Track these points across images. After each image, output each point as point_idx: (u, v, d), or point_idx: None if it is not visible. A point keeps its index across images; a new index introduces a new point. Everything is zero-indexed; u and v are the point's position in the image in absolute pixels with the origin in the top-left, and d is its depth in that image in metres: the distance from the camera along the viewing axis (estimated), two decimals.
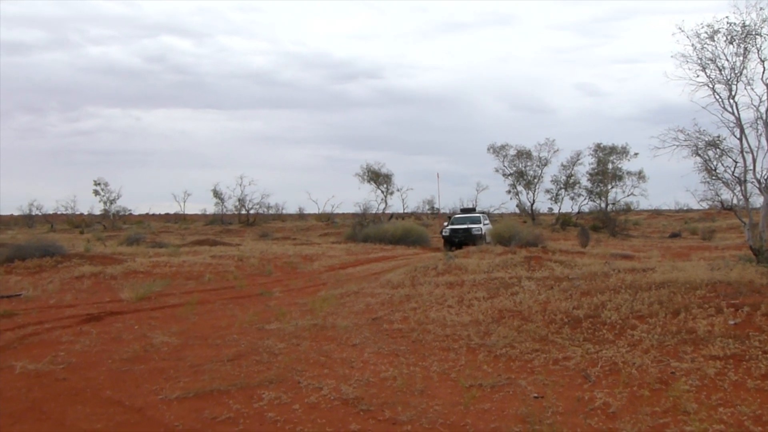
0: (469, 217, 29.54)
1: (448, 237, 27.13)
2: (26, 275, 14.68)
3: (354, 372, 6.45)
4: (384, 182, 53.62)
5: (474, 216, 29.61)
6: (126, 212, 59.90)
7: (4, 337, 8.44)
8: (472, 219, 28.80)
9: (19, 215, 63.43)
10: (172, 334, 8.55)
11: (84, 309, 10.79)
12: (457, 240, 26.48)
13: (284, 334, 8.30)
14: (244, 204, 59.26)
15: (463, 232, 26.96)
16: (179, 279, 14.76)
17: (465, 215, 30.30)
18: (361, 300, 10.76)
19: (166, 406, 5.48)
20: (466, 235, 26.48)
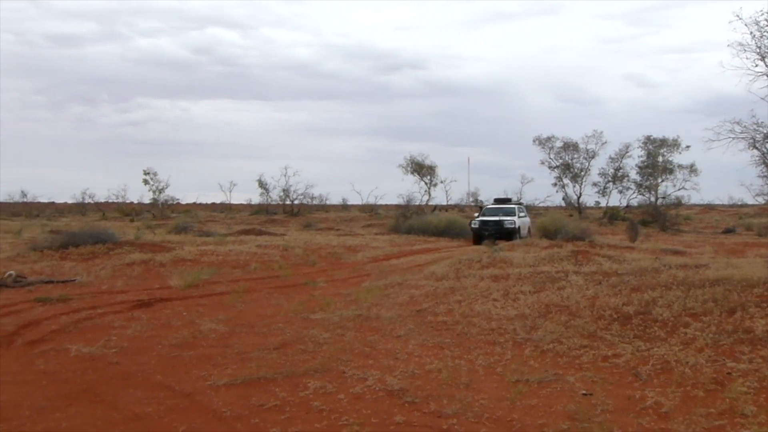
0: (503, 208, 26.98)
1: (477, 230, 24.82)
2: (80, 261, 15.12)
3: (398, 363, 6.44)
4: (427, 174, 53.49)
5: (508, 207, 27.04)
6: (174, 201, 61.19)
7: (60, 321, 8.71)
8: (506, 210, 26.35)
9: (73, 203, 65.54)
10: (219, 321, 8.69)
11: (135, 295, 11.06)
12: (486, 233, 24.08)
13: (329, 324, 8.35)
14: (289, 194, 59.93)
15: (493, 224, 24.62)
16: (226, 267, 15.00)
17: (498, 206, 27.66)
18: (405, 291, 10.74)
19: (214, 392, 5.57)
20: (498, 229, 24.22)
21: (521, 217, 26.11)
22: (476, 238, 24.52)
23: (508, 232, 23.99)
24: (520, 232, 24.96)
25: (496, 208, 27.29)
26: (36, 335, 7.91)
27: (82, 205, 63.01)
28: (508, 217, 25.21)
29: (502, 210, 26.49)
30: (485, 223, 24.96)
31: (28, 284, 11.99)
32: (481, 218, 25.55)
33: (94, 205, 63.50)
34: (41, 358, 6.79)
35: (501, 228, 24.24)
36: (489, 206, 28.36)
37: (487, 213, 26.57)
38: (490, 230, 24.22)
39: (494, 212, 26.30)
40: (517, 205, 27.93)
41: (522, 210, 27.61)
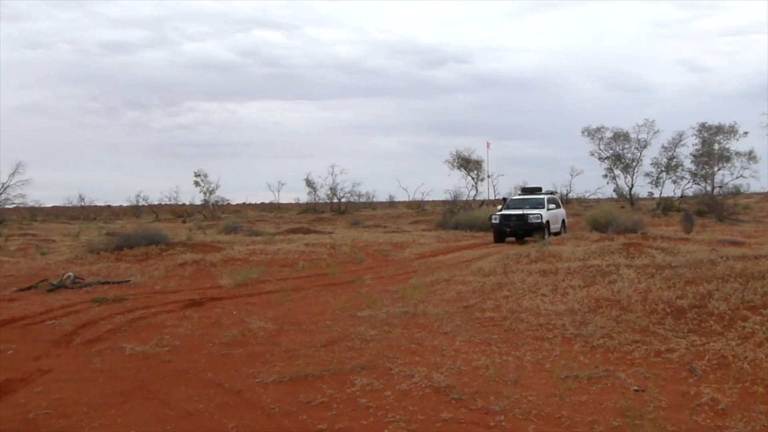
0: (529, 199, 23.49)
1: (497, 225, 21.99)
2: (134, 262, 15.55)
3: (445, 360, 6.41)
4: (474, 168, 53.19)
5: (536, 198, 23.49)
6: (224, 202, 62.53)
7: (115, 321, 8.98)
8: (533, 202, 22.93)
9: (128, 206, 67.57)
10: (268, 319, 8.81)
11: (186, 295, 11.31)
12: (508, 230, 21.74)
13: (376, 321, 8.37)
14: (336, 192, 60.42)
15: (516, 219, 21.60)
16: (274, 266, 15.20)
17: (524, 197, 24.23)
18: (452, 288, 10.69)
19: (262, 389, 5.65)
20: (521, 224, 21.45)
21: (551, 209, 22.84)
22: (496, 236, 22.16)
23: (533, 228, 21.27)
24: (549, 228, 22.00)
25: (521, 199, 23.94)
26: (93, 334, 8.17)
27: (136, 208, 64.90)
28: (535, 210, 22.01)
29: (528, 202, 23.21)
30: (506, 217, 21.95)
31: (85, 285, 12.40)
32: (503, 212, 22.58)
33: (147, 207, 65.30)
34: (98, 357, 7.01)
35: (525, 223, 21.43)
36: (514, 197, 25.25)
37: (511, 205, 23.38)
38: (513, 226, 21.69)
39: (519, 204, 23.11)
40: (548, 196, 24.16)
41: (553, 201, 24.02)
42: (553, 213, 22.99)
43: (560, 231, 23.10)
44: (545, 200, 23.01)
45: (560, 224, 23.62)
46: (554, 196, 25.12)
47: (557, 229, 23.02)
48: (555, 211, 23.28)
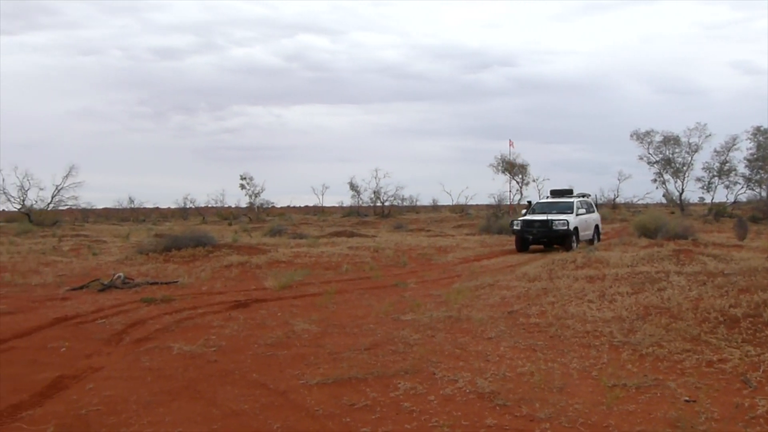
0: (557, 203, 21.29)
1: (519, 232, 19.97)
2: (181, 263, 15.87)
3: (490, 365, 6.34)
4: (519, 172, 52.60)
5: (564, 202, 21.17)
6: (269, 205, 63.26)
7: (164, 320, 9.18)
8: (561, 206, 20.81)
9: (176, 208, 69.06)
10: (312, 321, 8.88)
11: (232, 296, 11.48)
12: (530, 237, 19.77)
13: (419, 325, 8.35)
14: (379, 196, 60.54)
15: (540, 225, 19.60)
16: (318, 269, 15.31)
17: (552, 201, 21.95)
18: (496, 292, 10.59)
19: (307, 391, 5.69)
20: (545, 231, 19.49)
21: (581, 214, 20.68)
22: (518, 243, 20.05)
23: (559, 236, 19.47)
24: (578, 235, 20.04)
25: (548, 203, 21.80)
26: (142, 334, 8.37)
27: (183, 210, 66.30)
28: (561, 215, 19.94)
29: (556, 206, 21.07)
30: (529, 223, 19.89)
31: (134, 285, 12.71)
32: (527, 217, 20.51)
33: (194, 209, 66.61)
34: (146, 356, 7.17)
35: (549, 230, 19.47)
36: (540, 201, 23.15)
37: (536, 210, 21.41)
38: (535, 233, 19.68)
39: (545, 209, 21.07)
40: (578, 199, 21.70)
41: (584, 206, 21.76)
42: (584, 219, 20.85)
43: (593, 238, 21.46)
44: (574, 204, 20.80)
45: (592, 231, 21.73)
46: (586, 200, 22.71)
47: (588, 236, 21.14)
48: (586, 217, 21.16)
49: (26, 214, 43.74)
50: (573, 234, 19.51)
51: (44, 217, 42.59)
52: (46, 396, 5.73)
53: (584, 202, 22.01)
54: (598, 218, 22.72)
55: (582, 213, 20.88)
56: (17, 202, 45.39)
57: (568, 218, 19.57)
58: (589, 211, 22.07)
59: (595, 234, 21.99)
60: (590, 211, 22.09)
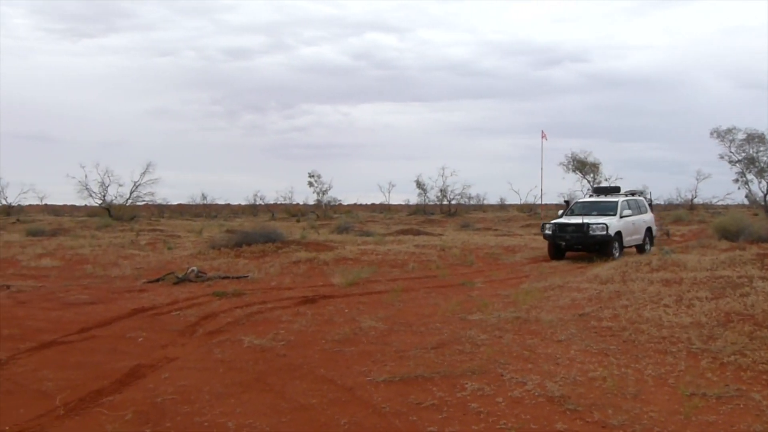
0: (599, 203, 18.54)
1: (551, 237, 17.47)
2: (252, 259, 16.23)
3: (559, 369, 6.19)
4: (590, 171, 51.35)
5: (607, 202, 18.40)
6: (336, 202, 64.04)
7: (235, 314, 9.40)
8: (603, 207, 18.09)
9: (246, 205, 70.81)
10: (378, 319, 8.91)
11: (300, 292, 11.66)
12: (563, 243, 17.25)
13: (486, 326, 8.24)
14: (446, 194, 60.29)
15: (574, 230, 16.96)
16: (384, 267, 15.36)
17: (593, 200, 19.14)
18: (566, 294, 10.34)
19: (373, 388, 5.71)
20: (579, 236, 16.82)
21: (626, 216, 17.76)
22: (551, 250, 17.64)
23: (596, 243, 16.72)
24: (622, 241, 17.34)
25: (589, 203, 18.98)
26: (214, 326, 8.60)
27: (253, 207, 67.89)
28: (601, 218, 17.18)
29: (597, 206, 18.35)
30: (562, 227, 17.32)
31: (207, 279, 13.08)
32: (561, 220, 17.89)
33: (264, 206, 68.10)
34: (218, 348, 7.36)
35: (584, 235, 16.72)
36: (580, 200, 20.25)
37: (575, 210, 18.68)
38: (568, 238, 17.08)
39: (585, 210, 18.38)
40: (624, 198, 18.73)
41: (632, 206, 18.60)
42: (630, 221, 17.94)
43: (643, 244, 18.72)
44: (618, 204, 17.89)
45: (642, 235, 18.80)
46: (636, 199, 19.51)
47: (636, 241, 18.45)
48: (633, 219, 18.17)
49: (106, 209, 45.85)
50: (614, 240, 16.86)
51: (123, 212, 44.53)
52: (125, 383, 5.97)
53: (632, 202, 18.94)
54: (651, 220, 19.73)
55: (627, 214, 17.88)
56: (98, 197, 47.74)
57: (607, 221, 16.84)
58: (640, 211, 19.06)
59: (647, 239, 19.20)
60: (640, 212, 19.07)
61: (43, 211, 63.41)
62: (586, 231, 16.68)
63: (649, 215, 19.58)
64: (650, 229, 19.38)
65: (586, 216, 17.53)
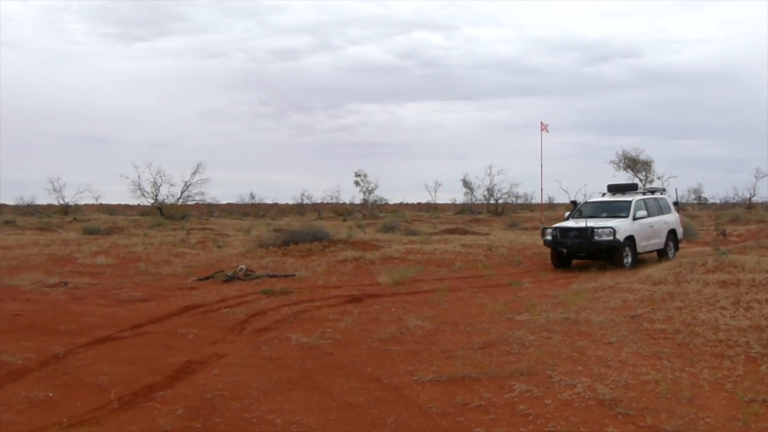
0: (610, 203, 16.36)
1: (551, 244, 15.47)
2: (299, 258, 16.40)
3: (610, 371, 6.05)
4: (643, 169, 50.17)
5: (620, 202, 16.12)
6: (382, 201, 64.31)
7: (282, 312, 9.51)
8: (614, 208, 16.01)
9: (293, 204, 71.73)
10: (425, 318, 8.87)
11: (347, 290, 11.72)
12: (565, 250, 15.18)
13: (534, 326, 8.12)
14: (493, 193, 59.80)
15: (576, 235, 14.85)
16: (431, 266, 15.31)
17: (605, 200, 16.89)
18: (617, 295, 10.10)
19: (420, 387, 5.69)
20: (582, 242, 14.75)
21: (641, 218, 15.54)
22: (554, 258, 15.70)
23: (601, 249, 14.76)
24: (635, 247, 15.21)
25: (600, 203, 16.83)
26: (262, 324, 8.71)
27: (301, 206, 68.73)
28: (609, 220, 15.18)
29: (607, 207, 16.33)
30: (563, 232, 15.20)
31: (255, 277, 13.27)
32: (563, 224, 15.80)
33: (311, 205, 68.84)
34: (266, 345, 7.45)
35: (588, 241, 14.65)
36: (590, 200, 17.85)
37: (584, 212, 16.60)
38: (570, 245, 15.00)
39: (594, 211, 16.41)
40: (640, 197, 16.36)
41: (649, 206, 16.19)
42: (645, 224, 15.68)
43: (664, 249, 16.44)
44: (632, 205, 15.64)
45: (663, 240, 16.43)
46: (656, 198, 17.14)
47: (655, 246, 16.25)
48: (650, 221, 15.88)
49: (158, 209, 47.02)
50: (624, 245, 14.79)
51: (174, 211, 45.60)
52: (176, 379, 6.10)
53: (651, 201, 16.53)
54: (675, 222, 17.14)
55: (642, 216, 15.57)
56: (151, 197, 48.98)
57: (616, 224, 14.77)
58: (660, 212, 16.67)
59: (671, 243, 16.79)
60: (661, 213, 16.70)
61: (99, 210, 65.48)
62: (590, 236, 14.61)
63: (672, 216, 17.18)
64: (674, 232, 17.02)
65: (592, 218, 15.61)
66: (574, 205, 18.04)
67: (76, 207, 59.81)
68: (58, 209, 57.50)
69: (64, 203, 57.97)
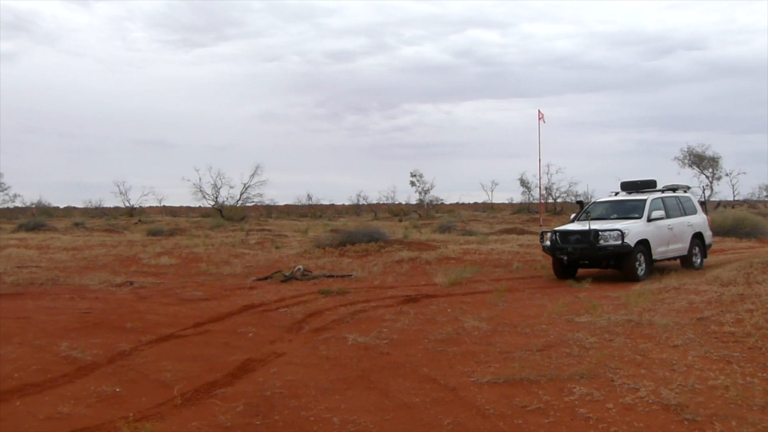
0: (623, 203, 14.45)
1: (550, 249, 13.52)
2: (355, 258, 16.50)
3: (675, 376, 5.84)
4: (709, 166, 48.27)
5: (632, 201, 14.26)
6: (438, 201, 64.22)
7: (339, 312, 9.58)
8: (626, 208, 14.14)
9: (349, 204, 72.30)
10: (482, 319, 8.78)
11: (403, 291, 11.71)
12: (565, 257, 13.17)
13: (595, 328, 7.92)
14: (551, 192, 58.73)
15: (578, 240, 12.99)
16: (488, 266, 15.16)
17: (617, 199, 14.86)
18: (682, 296, 9.76)
19: (477, 389, 5.62)
20: (585, 249, 12.85)
21: (657, 219, 13.48)
22: (556, 267, 13.70)
23: (609, 256, 12.82)
24: (650, 252, 13.19)
25: (611, 203, 14.84)
26: (319, 323, 8.80)
27: (357, 206, 69.23)
28: (620, 222, 13.29)
29: (619, 207, 14.39)
30: (564, 236, 13.28)
31: (312, 277, 13.43)
32: (561, 227, 14.16)
33: (367, 206, 69.23)
34: (324, 345, 7.52)
35: (592, 247, 12.74)
36: (599, 200, 15.69)
37: (592, 213, 14.50)
38: (571, 251, 13.04)
39: (604, 212, 14.57)
40: (656, 196, 14.21)
41: (668, 205, 14.17)
42: (663, 226, 13.64)
43: (689, 256, 14.34)
44: (646, 204, 13.67)
45: (687, 245, 14.27)
46: (677, 196, 14.83)
47: (677, 252, 14.11)
48: (670, 222, 13.82)
49: (219, 210, 48.22)
50: (635, 251, 12.77)
51: (234, 213, 46.68)
52: (236, 376, 6.22)
53: (670, 200, 14.44)
54: (701, 224, 14.92)
55: (659, 217, 13.56)
56: (211, 199, 50.28)
57: (626, 226, 12.86)
58: (683, 212, 14.55)
59: (697, 249, 14.65)
60: (684, 213, 14.54)
61: (162, 212, 67.62)
62: (594, 240, 12.67)
63: (698, 217, 14.94)
64: (700, 237, 14.77)
65: (600, 220, 13.82)
66: (581, 206, 15.75)
67: (141, 209, 61.91)
68: (123, 211, 59.69)
69: (129, 206, 60.17)
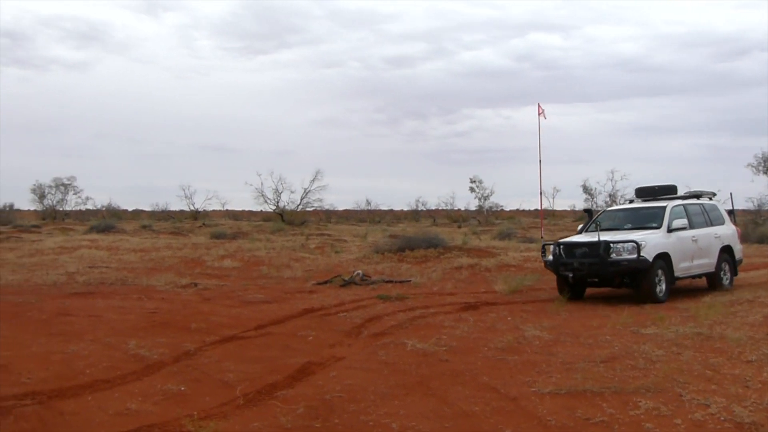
0: (638, 211, 12.54)
1: (552, 265, 11.65)
2: (414, 264, 16.48)
3: (749, 393, 5.58)
4: None
5: (649, 209, 12.31)
6: (498, 208, 63.19)
7: (398, 318, 9.58)
8: (642, 217, 12.21)
9: (408, 210, 72.21)
10: (543, 328, 8.62)
11: (462, 297, 11.63)
12: (570, 274, 11.22)
13: (662, 341, 7.66)
14: (616, 199, 57.14)
15: (585, 254, 11.14)
16: (549, 274, 14.83)
17: (632, 207, 13.03)
18: (756, 309, 9.35)
19: (538, 399, 5.52)
20: (593, 264, 10.92)
21: (678, 229, 11.51)
22: (560, 285, 11.80)
23: (623, 272, 10.90)
24: (671, 268, 11.20)
25: (625, 211, 12.99)
26: (378, 329, 8.82)
27: (415, 212, 69.10)
28: (633, 234, 11.31)
29: (633, 216, 12.48)
30: (568, 249, 11.43)
31: (371, 283, 13.49)
32: (567, 239, 12.27)
33: (426, 212, 69.03)
34: (382, 350, 7.53)
35: (602, 262, 10.84)
36: (611, 209, 14.07)
37: (602, 224, 12.49)
38: (577, 267, 11.12)
39: (616, 223, 12.60)
40: (684, 203, 12.36)
41: (692, 214, 12.17)
42: (687, 237, 11.67)
43: (717, 273, 12.31)
44: (666, 212, 11.71)
45: (714, 260, 12.24)
46: (702, 204, 12.91)
47: (703, 268, 12.08)
48: (694, 233, 11.86)
49: (280, 215, 48.98)
50: (654, 267, 10.81)
51: (294, 217, 47.35)
52: (297, 379, 6.30)
53: (694, 208, 12.47)
54: (731, 236, 12.91)
55: (680, 227, 11.56)
56: (273, 203, 51.10)
57: (642, 237, 10.95)
58: (709, 222, 12.52)
59: (724, 265, 12.58)
60: (710, 224, 12.51)
61: (225, 216, 69.14)
62: (605, 254, 10.79)
63: (726, 228, 12.92)
64: (729, 251, 12.72)
65: (612, 231, 11.88)
66: (589, 215, 14.28)
67: (205, 213, 63.49)
68: (188, 215, 61.36)
69: (194, 209, 61.78)
